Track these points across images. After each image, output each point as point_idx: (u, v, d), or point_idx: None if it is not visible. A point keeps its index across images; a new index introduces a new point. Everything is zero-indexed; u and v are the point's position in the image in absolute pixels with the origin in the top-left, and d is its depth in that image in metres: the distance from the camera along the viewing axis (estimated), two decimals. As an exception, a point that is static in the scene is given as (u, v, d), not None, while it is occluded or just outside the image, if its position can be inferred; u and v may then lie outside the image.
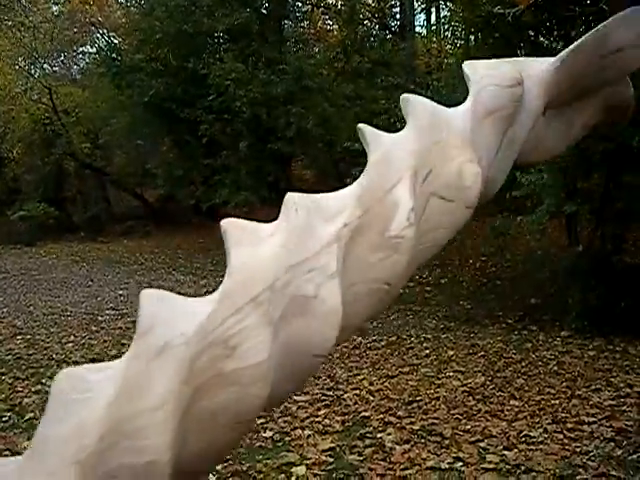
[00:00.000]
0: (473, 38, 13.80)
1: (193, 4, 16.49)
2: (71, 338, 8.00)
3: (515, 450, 4.31)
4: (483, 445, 4.41)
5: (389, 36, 19.80)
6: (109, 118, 19.76)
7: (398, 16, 20.92)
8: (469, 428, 4.73)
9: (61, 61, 24.37)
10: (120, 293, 11.17)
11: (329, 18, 21.35)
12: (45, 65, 23.22)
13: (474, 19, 9.84)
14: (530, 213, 8.53)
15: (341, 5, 19.66)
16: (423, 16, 22.41)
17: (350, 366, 6.53)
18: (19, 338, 8.06)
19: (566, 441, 4.42)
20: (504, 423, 4.81)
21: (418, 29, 22.03)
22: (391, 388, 5.75)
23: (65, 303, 10.46)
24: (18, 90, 21.89)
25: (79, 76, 24.65)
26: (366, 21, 20.00)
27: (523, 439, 4.49)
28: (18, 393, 5.87)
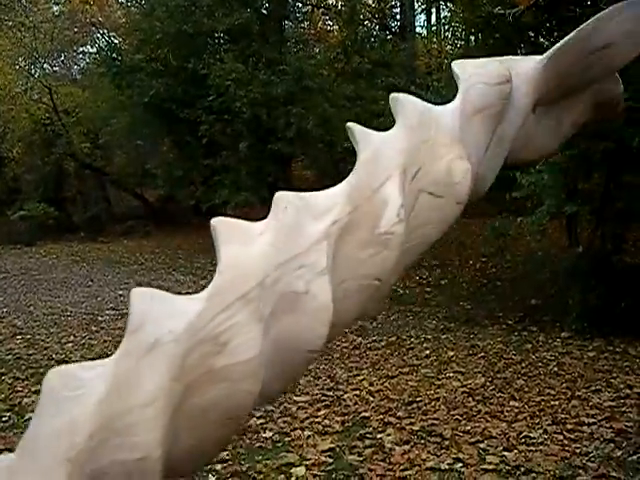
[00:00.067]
0: (473, 39, 13.82)
1: (193, 4, 16.48)
2: (71, 338, 8.00)
3: (515, 451, 4.30)
4: (483, 446, 4.41)
5: (389, 37, 19.82)
6: (109, 118, 19.75)
7: (398, 17, 20.97)
8: (469, 429, 4.73)
9: (61, 61, 24.39)
10: (120, 293, 11.16)
11: (329, 19, 21.37)
12: (45, 65, 23.25)
13: (474, 20, 9.84)
14: (530, 214, 8.53)
15: (341, 6, 19.66)
16: (423, 17, 22.51)
17: (350, 366, 6.53)
18: (19, 338, 8.06)
19: (566, 442, 4.42)
20: (504, 424, 4.80)
21: (418, 30, 22.11)
22: (391, 389, 5.75)
23: (65, 303, 10.46)
24: (18, 90, 21.88)
25: (79, 76, 24.65)
26: (366, 22, 20.01)
27: (523, 440, 4.49)
28: (18, 393, 5.87)
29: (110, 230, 20.78)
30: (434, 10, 21.16)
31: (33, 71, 22.87)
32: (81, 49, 24.68)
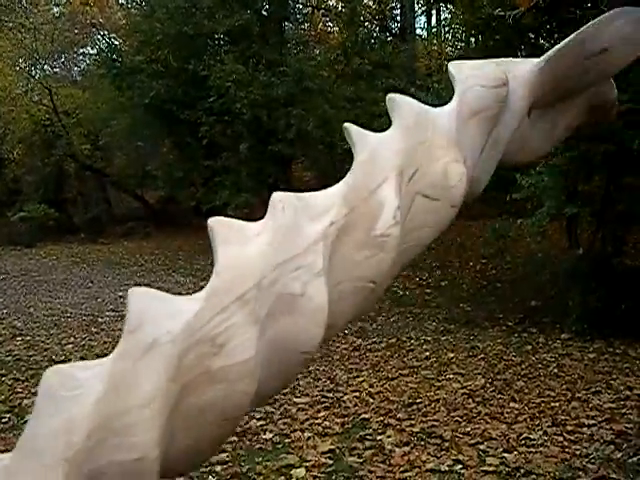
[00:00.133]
0: (473, 40, 13.83)
1: (194, 6, 16.49)
2: (71, 339, 8.00)
3: (515, 453, 4.30)
4: (483, 447, 4.41)
5: (390, 38, 19.82)
6: (109, 119, 19.77)
7: (399, 18, 20.96)
8: (469, 430, 4.73)
9: (62, 62, 24.40)
10: (120, 294, 11.16)
11: (330, 20, 21.36)
12: (46, 66, 23.25)
13: (475, 21, 9.86)
14: (530, 215, 8.53)
15: (342, 7, 19.66)
16: (424, 18, 22.51)
17: (350, 368, 6.53)
18: (19, 339, 8.05)
19: (566, 444, 4.41)
20: (504, 425, 4.80)
21: (419, 31, 22.13)
22: (391, 390, 5.75)
23: (65, 304, 10.45)
24: (19, 91, 21.89)
25: (79, 77, 24.66)
26: (367, 23, 20.01)
27: (523, 442, 4.48)
28: (18, 394, 5.87)
29: (110, 231, 20.79)
30: (434, 12, 21.16)
31: (33, 72, 22.91)
32: (81, 50, 24.71)
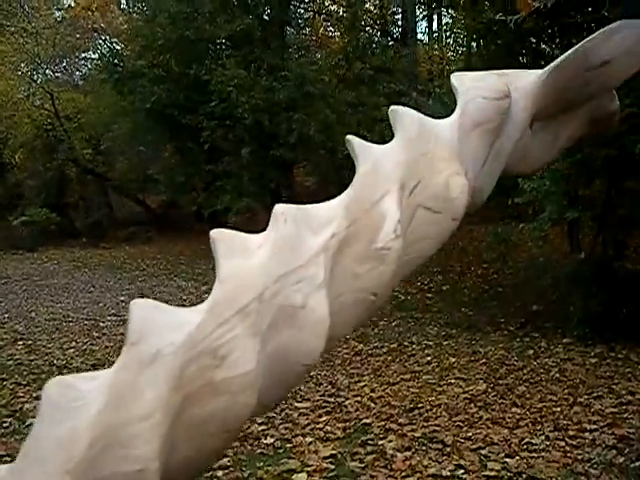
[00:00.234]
0: (475, 45, 13.86)
1: (195, 11, 16.51)
2: (72, 344, 8.00)
3: (517, 457, 4.29)
4: (485, 452, 4.40)
5: (391, 43, 19.84)
6: (111, 124, 19.80)
7: (400, 23, 20.99)
8: (470, 435, 4.72)
9: (63, 67, 24.40)
10: (122, 299, 11.16)
11: (331, 25, 21.39)
12: (47, 71, 23.26)
13: (476, 26, 9.86)
14: (532, 220, 8.53)
15: (343, 12, 19.71)
16: (425, 23, 22.56)
17: (351, 373, 6.52)
18: (20, 344, 8.05)
19: (568, 448, 4.41)
20: (506, 430, 4.79)
21: (420, 36, 22.16)
22: (392, 395, 5.74)
23: (66, 309, 10.45)
24: (20, 96, 21.92)
25: (81, 82, 24.67)
26: (368, 28, 20.05)
27: (525, 446, 4.47)
28: (19, 399, 5.87)
29: (112, 236, 20.80)
30: (435, 16, 21.20)
31: (35, 77, 22.91)
32: (83, 55, 24.72)
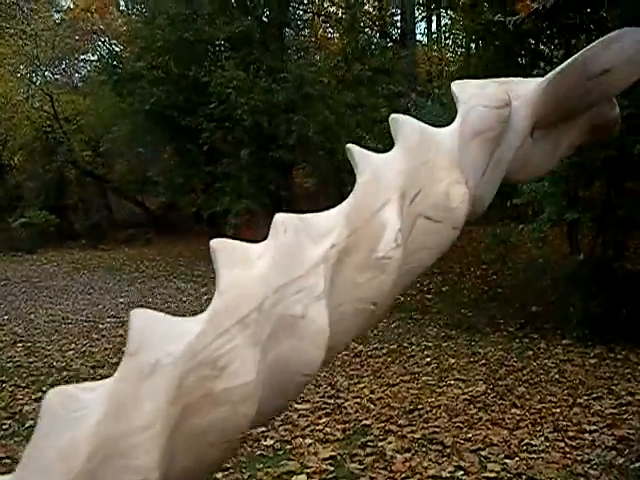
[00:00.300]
0: (474, 46, 13.86)
1: (194, 12, 16.51)
2: (72, 346, 7.99)
3: (516, 459, 4.29)
4: (484, 454, 4.40)
5: (390, 44, 19.84)
6: (110, 126, 19.78)
7: (399, 24, 21.00)
8: (470, 437, 4.72)
9: (62, 69, 24.44)
10: (121, 301, 11.16)
11: (330, 26, 21.41)
12: (46, 73, 23.28)
13: (475, 27, 9.87)
14: (531, 221, 8.53)
15: (342, 13, 19.72)
16: (424, 24, 22.59)
17: (351, 374, 6.52)
18: (20, 346, 8.05)
19: (567, 449, 4.41)
20: (505, 431, 4.79)
21: (419, 37, 22.18)
22: (392, 396, 5.74)
23: (66, 311, 10.45)
24: (19, 98, 21.93)
25: (80, 84, 24.71)
26: (367, 29, 20.05)
27: (524, 448, 4.47)
28: (18, 401, 5.86)
29: (111, 238, 20.81)
30: (434, 18, 21.23)
31: (34, 79, 22.94)
32: (82, 57, 24.76)
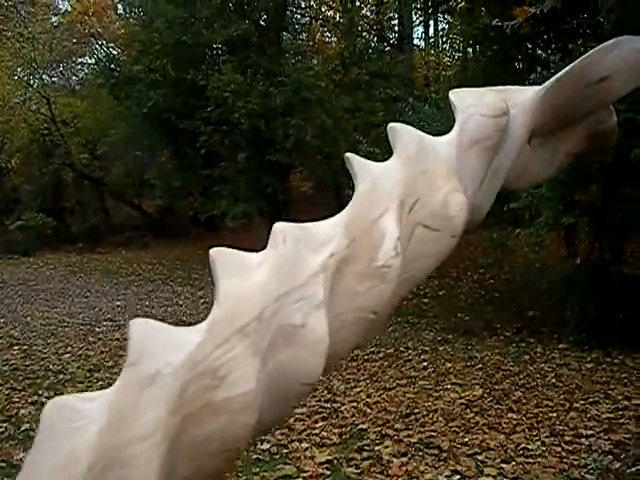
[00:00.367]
0: (471, 50, 13.91)
1: (192, 16, 16.52)
2: (68, 349, 7.98)
3: (513, 463, 4.29)
4: (481, 458, 4.40)
5: (387, 48, 19.89)
6: (108, 129, 19.78)
7: (396, 29, 21.05)
8: (467, 441, 4.72)
9: (60, 72, 24.45)
10: (117, 304, 11.15)
11: (327, 30, 21.44)
12: (44, 76, 23.28)
13: (472, 32, 9.90)
14: (528, 225, 8.54)
15: (339, 17, 19.76)
16: (421, 29, 22.57)
17: (348, 378, 6.51)
18: (16, 349, 8.04)
19: (564, 454, 4.41)
20: (502, 436, 4.79)
21: (416, 41, 22.21)
22: (389, 400, 5.74)
23: (62, 314, 10.44)
24: (17, 100, 21.94)
25: (78, 87, 24.72)
26: (364, 33, 20.10)
27: (521, 452, 4.47)
28: (14, 404, 5.85)
29: (108, 241, 20.79)
30: (432, 22, 21.24)
31: (32, 82, 22.94)
32: (80, 60, 24.76)
